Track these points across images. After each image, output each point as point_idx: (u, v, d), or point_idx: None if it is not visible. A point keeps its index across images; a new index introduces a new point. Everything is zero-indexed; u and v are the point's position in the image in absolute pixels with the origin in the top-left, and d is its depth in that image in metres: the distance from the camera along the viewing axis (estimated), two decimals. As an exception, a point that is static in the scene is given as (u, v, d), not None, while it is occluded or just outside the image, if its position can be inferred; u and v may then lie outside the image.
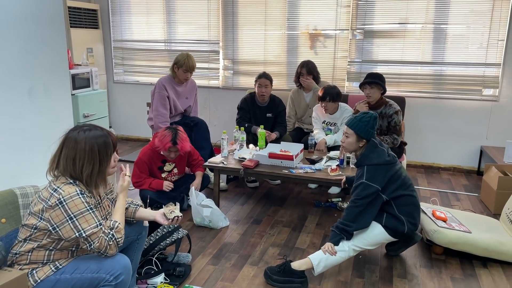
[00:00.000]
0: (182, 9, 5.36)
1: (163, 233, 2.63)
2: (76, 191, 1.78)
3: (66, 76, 2.69)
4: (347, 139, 2.59)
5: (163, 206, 2.28)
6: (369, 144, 2.56)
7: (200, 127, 3.98)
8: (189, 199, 3.47)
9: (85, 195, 1.81)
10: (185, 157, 3.53)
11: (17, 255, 1.85)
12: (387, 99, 3.86)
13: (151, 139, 3.79)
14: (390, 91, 4.62)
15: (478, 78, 4.53)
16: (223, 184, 4.07)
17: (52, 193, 1.79)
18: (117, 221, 1.90)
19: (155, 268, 2.54)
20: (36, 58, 2.45)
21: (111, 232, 1.85)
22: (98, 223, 1.81)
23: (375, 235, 2.52)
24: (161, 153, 3.31)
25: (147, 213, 2.24)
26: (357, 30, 4.80)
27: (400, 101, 4.37)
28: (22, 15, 2.35)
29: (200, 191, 3.47)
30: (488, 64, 4.46)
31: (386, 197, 2.49)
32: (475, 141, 4.67)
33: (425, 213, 3.03)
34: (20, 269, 1.84)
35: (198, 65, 4.21)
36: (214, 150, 4.12)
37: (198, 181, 3.49)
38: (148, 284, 2.45)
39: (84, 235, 1.77)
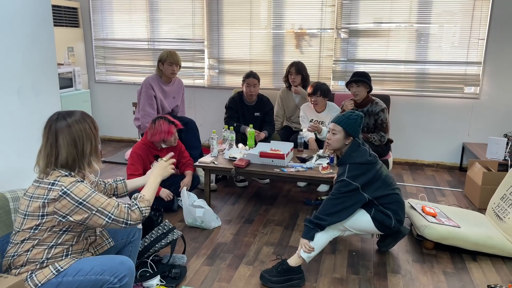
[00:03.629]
0: (165, 8, 5.29)
1: (158, 235, 2.59)
2: (76, 179, 1.78)
3: (54, 75, 2.61)
4: (334, 136, 2.60)
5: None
6: (352, 143, 2.59)
7: (191, 127, 3.94)
8: (179, 199, 3.44)
9: (85, 182, 1.80)
10: (176, 152, 3.50)
11: (14, 257, 1.80)
12: (373, 97, 3.92)
13: (137, 140, 3.74)
14: (375, 89, 4.68)
15: (459, 76, 4.64)
16: (212, 184, 4.05)
17: (50, 188, 1.75)
18: (143, 193, 1.92)
19: (150, 270, 2.50)
20: (25, 57, 2.37)
21: (135, 202, 1.87)
22: (107, 199, 1.81)
23: (361, 221, 2.57)
24: (163, 145, 3.34)
25: (137, 181, 2.27)
26: (342, 30, 4.84)
27: (385, 99, 4.43)
28: (10, 14, 2.27)
29: (190, 191, 3.44)
30: (469, 63, 4.58)
31: (369, 196, 2.52)
32: (457, 138, 4.78)
33: (415, 209, 3.08)
34: (18, 272, 1.78)
35: (183, 64, 4.17)
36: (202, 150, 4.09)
37: (188, 179, 3.47)
38: (143, 287, 2.40)
39: (98, 210, 1.76)
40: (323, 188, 4.07)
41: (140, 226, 2.33)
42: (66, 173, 1.80)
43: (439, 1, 4.51)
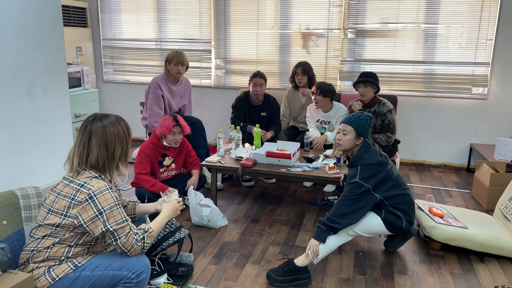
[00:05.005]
0: (173, 8, 5.32)
1: (165, 233, 2.60)
2: (105, 186, 1.79)
3: (64, 74, 2.64)
4: (345, 136, 2.60)
5: (160, 193, 2.31)
6: (363, 143, 2.59)
7: (197, 126, 3.95)
8: (186, 198, 3.45)
9: (113, 190, 1.82)
10: (183, 152, 3.53)
11: (34, 251, 1.82)
12: (380, 98, 3.91)
13: (145, 139, 3.77)
14: (382, 90, 4.66)
15: (467, 77, 4.62)
16: (218, 183, 4.06)
17: (79, 189, 1.78)
18: (152, 228, 1.95)
19: (157, 268, 2.51)
20: (35, 57, 2.40)
21: (144, 235, 1.88)
22: (124, 218, 1.83)
23: (372, 224, 2.57)
24: (165, 143, 3.36)
25: (147, 207, 2.30)
26: (349, 30, 4.84)
27: (392, 99, 4.42)
28: (21, 14, 2.30)
29: (197, 190, 3.46)
30: (477, 63, 4.55)
31: (380, 196, 2.52)
32: (465, 139, 4.76)
33: (422, 210, 3.07)
34: (36, 267, 1.81)
35: (190, 64, 4.19)
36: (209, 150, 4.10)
37: (195, 178, 3.48)
38: (151, 285, 2.42)
39: (111, 229, 1.79)
40: (329, 188, 4.06)
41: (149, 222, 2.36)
42: (96, 175, 1.83)
43: (447, 2, 4.49)
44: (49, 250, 1.81)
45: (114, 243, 1.82)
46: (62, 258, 1.82)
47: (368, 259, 2.82)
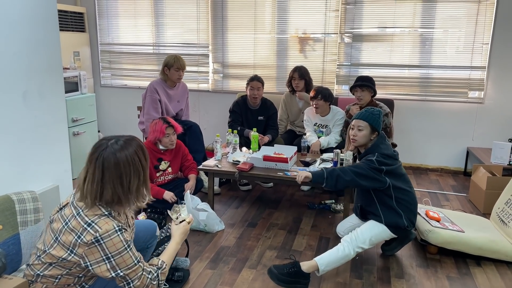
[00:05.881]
0: (170, 13, 5.33)
1: (161, 238, 2.59)
2: (114, 227, 1.66)
3: (60, 79, 2.63)
4: (361, 132, 2.65)
5: (167, 211, 2.19)
6: (380, 135, 2.67)
7: (194, 130, 3.96)
8: (183, 202, 3.45)
9: (122, 231, 1.69)
10: (179, 155, 3.53)
11: (41, 277, 1.74)
12: (377, 102, 3.92)
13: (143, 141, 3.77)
14: (379, 94, 4.65)
15: (463, 81, 4.64)
16: (216, 187, 4.05)
17: (86, 228, 1.65)
18: (165, 263, 1.85)
19: (153, 273, 2.50)
20: (31, 62, 2.39)
21: (158, 272, 1.79)
22: (136, 260, 1.72)
23: (378, 234, 2.60)
24: (160, 146, 3.38)
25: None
26: (345, 34, 4.86)
27: (389, 103, 4.43)
28: (16, 18, 2.30)
29: (193, 194, 3.45)
30: (474, 67, 4.57)
31: (389, 180, 2.56)
32: (462, 142, 4.77)
33: (419, 214, 3.07)
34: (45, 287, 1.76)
35: (187, 68, 4.20)
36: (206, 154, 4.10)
37: (192, 182, 3.48)
38: (147, 290, 2.41)
39: (121, 274, 1.68)
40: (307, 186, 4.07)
41: (158, 233, 2.31)
42: (106, 213, 1.70)
43: (443, 6, 4.52)
44: (57, 281, 1.74)
45: (127, 287, 1.72)
46: (73, 284, 1.78)
47: (365, 263, 2.82)
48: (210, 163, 3.54)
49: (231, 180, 4.30)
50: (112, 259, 1.66)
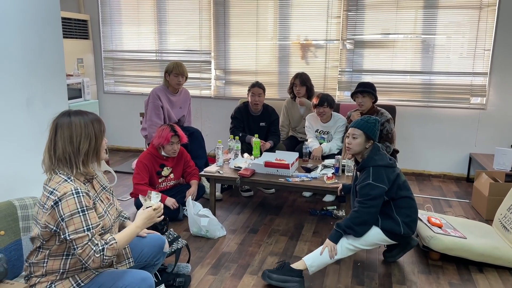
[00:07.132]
0: (173, 20, 5.38)
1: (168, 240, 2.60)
2: (71, 190, 1.71)
3: (63, 86, 2.66)
4: (355, 140, 2.63)
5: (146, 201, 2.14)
6: (373, 146, 2.64)
7: (196, 137, 3.98)
8: (185, 209, 3.46)
9: (80, 195, 1.72)
10: (181, 161, 3.54)
11: (33, 265, 1.81)
12: (378, 108, 3.93)
13: (144, 149, 3.79)
14: (381, 100, 4.68)
15: (466, 87, 4.64)
16: (217, 193, 4.06)
17: (48, 196, 1.72)
18: (115, 239, 1.79)
19: (155, 279, 2.50)
20: (34, 68, 2.42)
21: (105, 246, 1.74)
22: (85, 227, 1.71)
23: (371, 235, 2.56)
24: (163, 153, 3.39)
25: (130, 224, 2.07)
26: (347, 41, 4.88)
27: (391, 109, 4.44)
28: (20, 25, 2.33)
29: (195, 200, 3.46)
30: (476, 73, 4.58)
31: (386, 197, 2.55)
32: (464, 149, 4.76)
33: (421, 220, 3.07)
34: (38, 281, 1.79)
35: (190, 75, 4.23)
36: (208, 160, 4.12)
37: (193, 188, 3.49)
38: (148, 296, 2.41)
39: (68, 238, 1.69)
40: (328, 198, 4.06)
41: (167, 249, 2.28)
42: (66, 178, 1.76)
43: (445, 13, 4.54)
44: (45, 264, 1.78)
45: (73, 252, 1.74)
46: (61, 271, 1.79)
47: (367, 269, 2.81)
48: (211, 169, 3.55)
49: (233, 186, 4.30)
50: (64, 221, 1.69)
